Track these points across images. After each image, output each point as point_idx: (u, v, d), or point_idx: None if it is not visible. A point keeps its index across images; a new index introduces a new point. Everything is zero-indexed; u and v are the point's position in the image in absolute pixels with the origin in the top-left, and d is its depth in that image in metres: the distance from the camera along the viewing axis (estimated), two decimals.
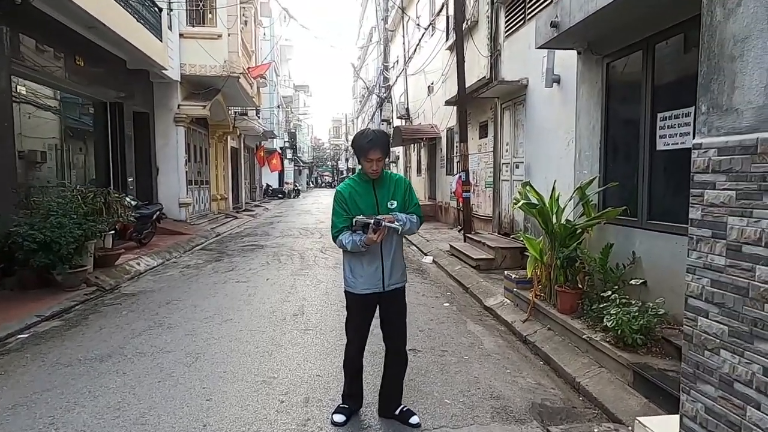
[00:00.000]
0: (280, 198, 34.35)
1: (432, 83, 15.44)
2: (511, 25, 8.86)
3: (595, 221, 4.99)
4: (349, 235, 2.97)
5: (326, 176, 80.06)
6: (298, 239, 12.38)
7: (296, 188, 39.90)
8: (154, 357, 4.32)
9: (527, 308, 5.31)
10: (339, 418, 3.18)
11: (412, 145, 19.89)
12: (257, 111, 22.67)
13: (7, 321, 5.17)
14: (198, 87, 14.48)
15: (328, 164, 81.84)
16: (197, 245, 11.38)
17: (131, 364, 4.15)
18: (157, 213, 10.45)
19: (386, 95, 23.04)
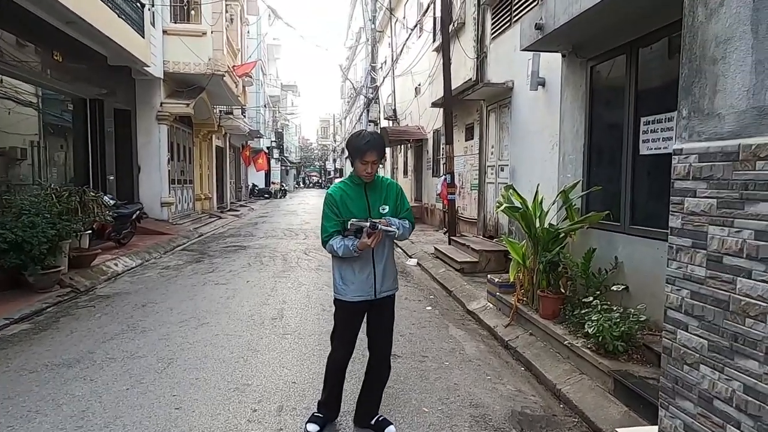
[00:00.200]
0: (267, 198, 34.06)
1: (419, 84, 15.39)
2: (498, 27, 8.83)
3: (578, 226, 4.95)
4: (341, 240, 2.85)
5: (314, 176, 79.76)
6: (282, 240, 12.23)
7: (283, 188, 39.60)
8: (125, 363, 4.17)
9: (510, 313, 5.25)
10: (312, 428, 3.07)
11: (399, 147, 19.81)
12: (243, 110, 22.44)
13: None
14: (182, 85, 14.26)
15: (316, 164, 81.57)
16: (178, 246, 11.18)
17: (100, 370, 4.00)
18: (137, 212, 10.23)
19: (374, 96, 22.95)
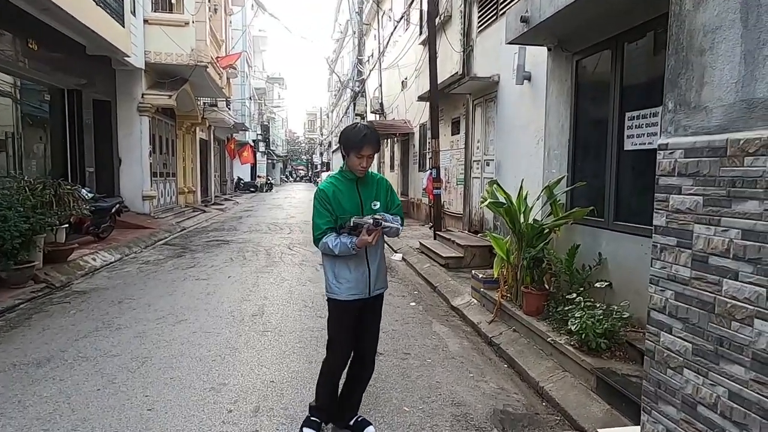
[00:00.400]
0: (252, 192, 33.71)
1: (406, 78, 15.27)
2: (484, 21, 8.75)
3: (563, 221, 4.91)
4: (336, 237, 2.71)
5: (301, 170, 79.22)
6: (266, 235, 12.07)
7: (269, 182, 39.20)
8: (97, 362, 4.04)
9: (494, 309, 5.20)
10: None
11: (386, 141, 19.69)
12: (228, 102, 22.11)
13: None
14: (164, 76, 13.96)
15: (303, 158, 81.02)
16: (160, 240, 10.98)
17: (71, 370, 3.86)
18: (117, 206, 10.01)
19: (360, 89, 22.78)
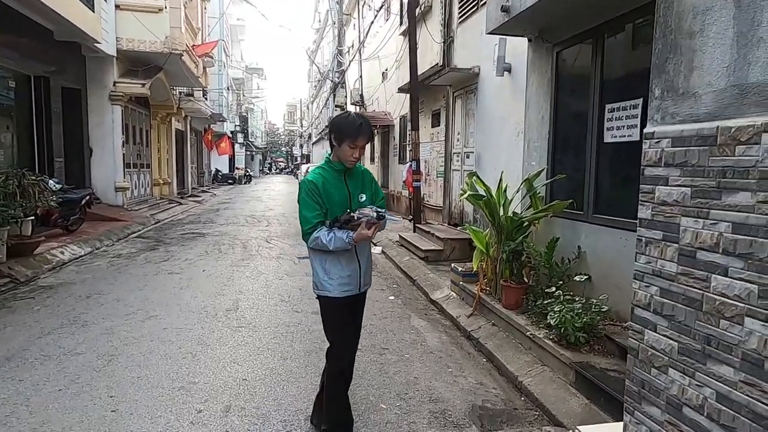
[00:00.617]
0: (231, 184, 33.19)
1: (386, 69, 15.12)
2: (465, 11, 8.65)
3: (542, 214, 4.87)
4: (329, 232, 2.56)
5: (281, 162, 78.42)
6: (243, 228, 11.85)
7: (248, 174, 38.65)
8: (61, 360, 3.85)
9: (473, 302, 5.15)
10: None
11: None
12: (204, 92, 21.65)
13: None
14: (137, 63, 13.54)
15: (283, 150, 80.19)
16: (133, 233, 10.67)
17: (32, 369, 3.68)
18: (87, 197, 9.66)
19: (340, 80, 22.53)
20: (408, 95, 10.86)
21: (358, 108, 19.45)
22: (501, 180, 5.30)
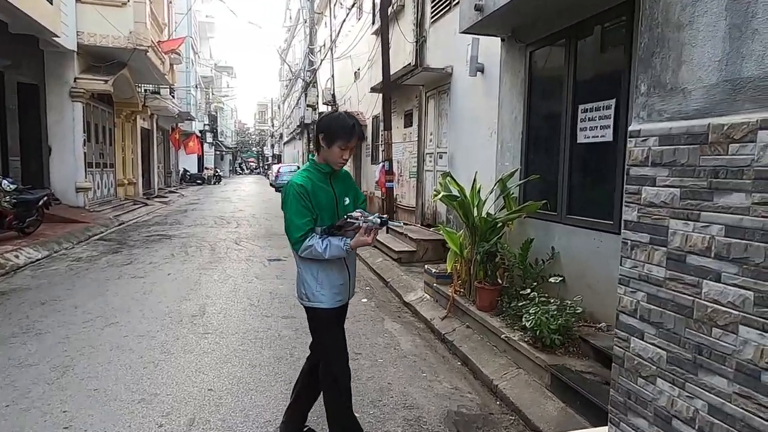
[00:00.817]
0: (199, 184, 32.48)
1: (359, 69, 15.00)
2: (437, 11, 8.61)
3: (516, 215, 4.83)
4: (322, 239, 2.42)
5: (252, 162, 77.32)
6: (212, 229, 11.54)
7: (217, 174, 37.90)
8: (10, 373, 3.60)
9: (447, 305, 5.09)
10: None
11: None
12: (171, 90, 21.09)
13: None
14: (100, 59, 13.04)
15: (254, 150, 79.11)
16: (95, 235, 10.25)
17: None
18: (45, 198, 9.22)
19: (312, 80, 22.28)
20: (380, 95, 10.76)
21: (330, 107, 19.25)
22: (475, 180, 5.25)
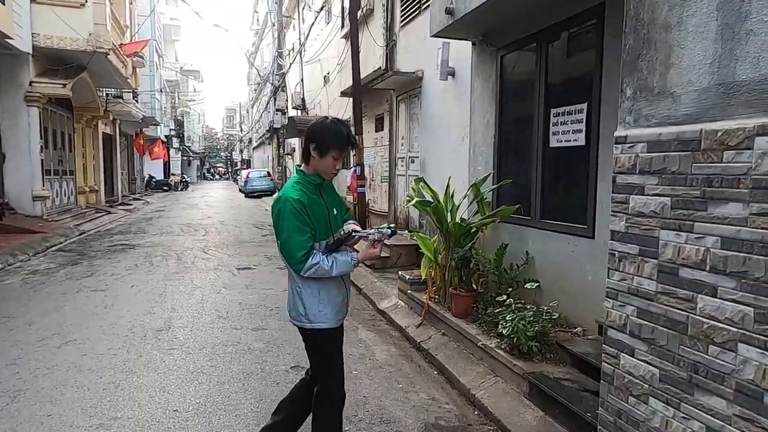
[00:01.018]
0: (166, 191, 31.61)
1: (328, 73, 14.86)
2: (407, 15, 8.57)
3: (490, 220, 4.79)
4: (327, 256, 2.29)
5: (220, 167, 75.98)
6: (179, 237, 11.18)
7: (184, 180, 37.01)
8: None
9: (422, 312, 5.00)
10: None
11: None
12: (135, 94, 20.45)
13: None
14: (57, 62, 12.51)
15: (222, 155, 77.79)
16: (53, 246, 9.78)
17: None
18: None
19: (280, 83, 22.00)
20: (351, 99, 10.65)
21: (300, 112, 19.06)
22: (448, 185, 5.19)
